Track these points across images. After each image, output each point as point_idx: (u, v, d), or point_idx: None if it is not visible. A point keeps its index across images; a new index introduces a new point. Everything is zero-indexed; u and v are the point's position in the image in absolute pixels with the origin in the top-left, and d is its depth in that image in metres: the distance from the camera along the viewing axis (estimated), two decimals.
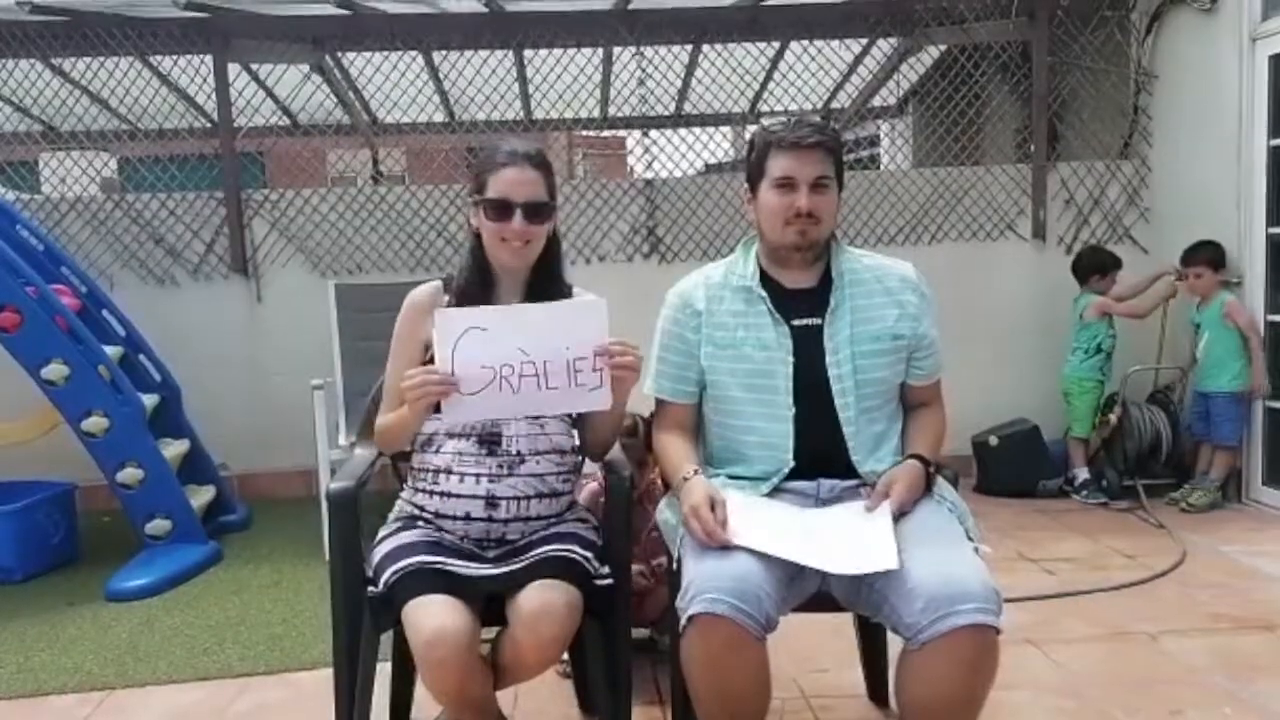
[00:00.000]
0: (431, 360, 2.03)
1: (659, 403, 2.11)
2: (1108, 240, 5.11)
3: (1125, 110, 5.20)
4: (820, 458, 1.93)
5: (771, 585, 1.69)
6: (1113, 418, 4.58)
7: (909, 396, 2.07)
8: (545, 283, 2.08)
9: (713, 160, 6.63)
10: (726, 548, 1.73)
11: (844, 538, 1.79)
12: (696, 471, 1.91)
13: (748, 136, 2.24)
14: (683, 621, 1.67)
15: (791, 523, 1.84)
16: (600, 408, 1.89)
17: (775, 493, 1.94)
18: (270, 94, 5.81)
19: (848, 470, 1.94)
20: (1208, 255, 4.42)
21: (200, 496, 4.22)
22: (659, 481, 2.59)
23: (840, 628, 2.43)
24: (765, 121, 2.01)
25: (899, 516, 1.83)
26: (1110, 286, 4.66)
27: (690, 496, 1.83)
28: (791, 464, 1.94)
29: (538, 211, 1.98)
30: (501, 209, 1.96)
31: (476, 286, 2.05)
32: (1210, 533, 3.97)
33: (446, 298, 2.07)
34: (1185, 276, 4.49)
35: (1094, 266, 4.70)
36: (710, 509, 1.78)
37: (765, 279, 2.03)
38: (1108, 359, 4.66)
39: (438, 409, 1.99)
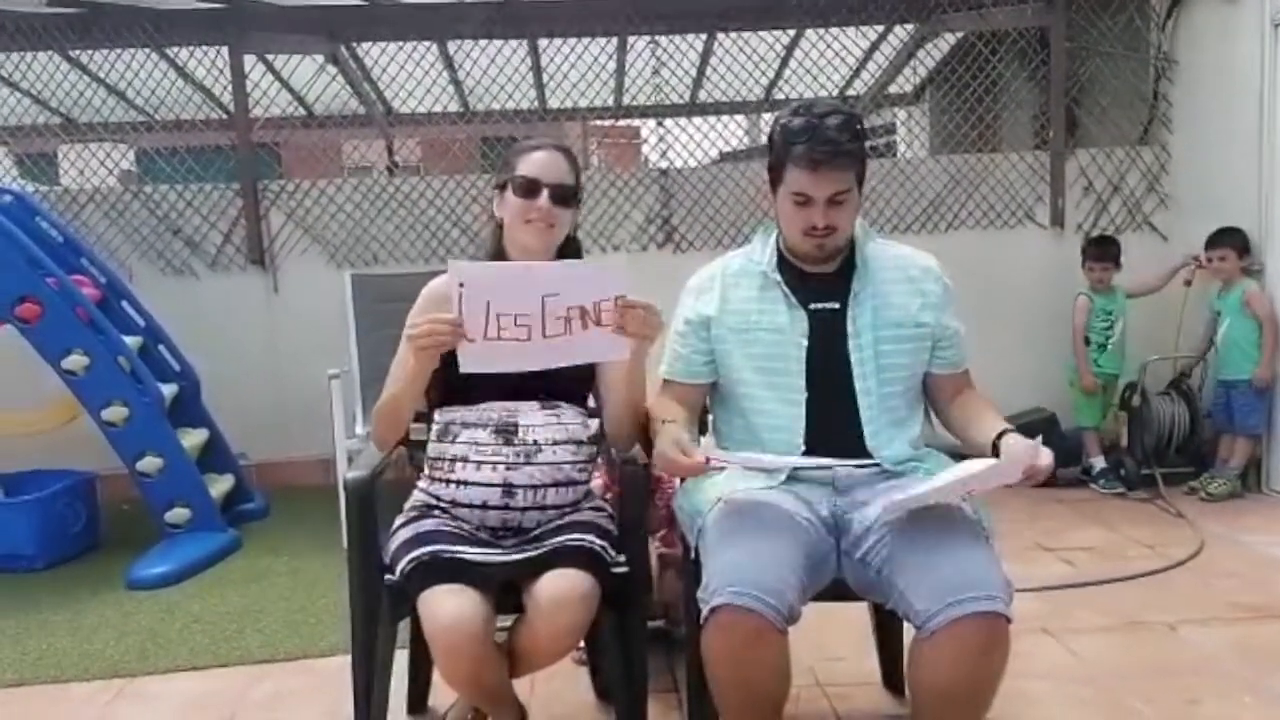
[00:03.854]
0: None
1: (666, 383, 2.10)
2: (1126, 228, 5.07)
3: (1145, 96, 5.15)
4: (834, 444, 1.91)
5: (794, 576, 1.69)
6: (1131, 401, 4.56)
7: (941, 389, 2.05)
8: None
9: (727, 149, 6.60)
10: (742, 541, 1.73)
11: None
12: (672, 421, 1.90)
13: (764, 126, 2.20)
14: (705, 613, 1.66)
15: None
16: (618, 357, 1.88)
17: (791, 481, 1.93)
18: (286, 85, 5.83)
19: (863, 457, 1.92)
20: (1233, 240, 4.37)
21: (219, 485, 4.25)
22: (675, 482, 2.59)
23: (856, 617, 2.42)
24: (785, 113, 1.92)
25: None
26: (1099, 277, 4.61)
27: (661, 442, 1.83)
28: (802, 448, 1.93)
29: (564, 194, 2.01)
30: (530, 187, 1.99)
31: None
32: (1229, 522, 3.94)
33: None
34: (1210, 260, 4.44)
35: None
36: (680, 452, 1.78)
37: (784, 264, 2.02)
38: (1100, 350, 4.63)
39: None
